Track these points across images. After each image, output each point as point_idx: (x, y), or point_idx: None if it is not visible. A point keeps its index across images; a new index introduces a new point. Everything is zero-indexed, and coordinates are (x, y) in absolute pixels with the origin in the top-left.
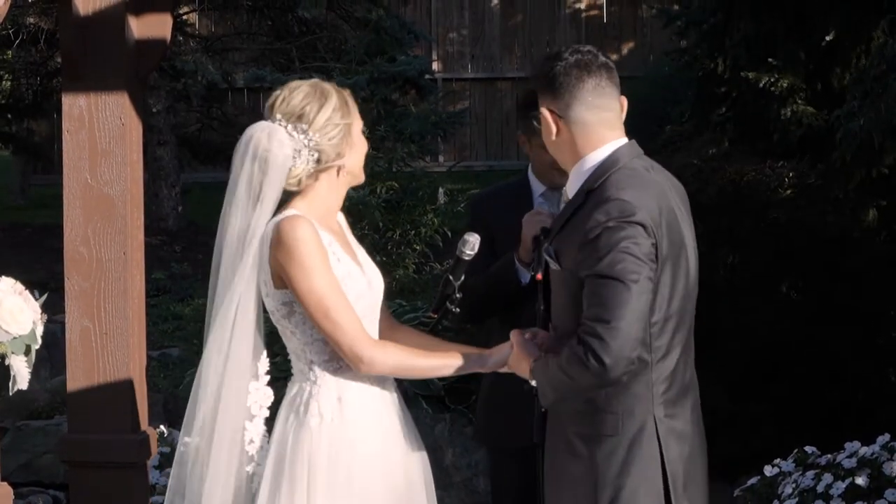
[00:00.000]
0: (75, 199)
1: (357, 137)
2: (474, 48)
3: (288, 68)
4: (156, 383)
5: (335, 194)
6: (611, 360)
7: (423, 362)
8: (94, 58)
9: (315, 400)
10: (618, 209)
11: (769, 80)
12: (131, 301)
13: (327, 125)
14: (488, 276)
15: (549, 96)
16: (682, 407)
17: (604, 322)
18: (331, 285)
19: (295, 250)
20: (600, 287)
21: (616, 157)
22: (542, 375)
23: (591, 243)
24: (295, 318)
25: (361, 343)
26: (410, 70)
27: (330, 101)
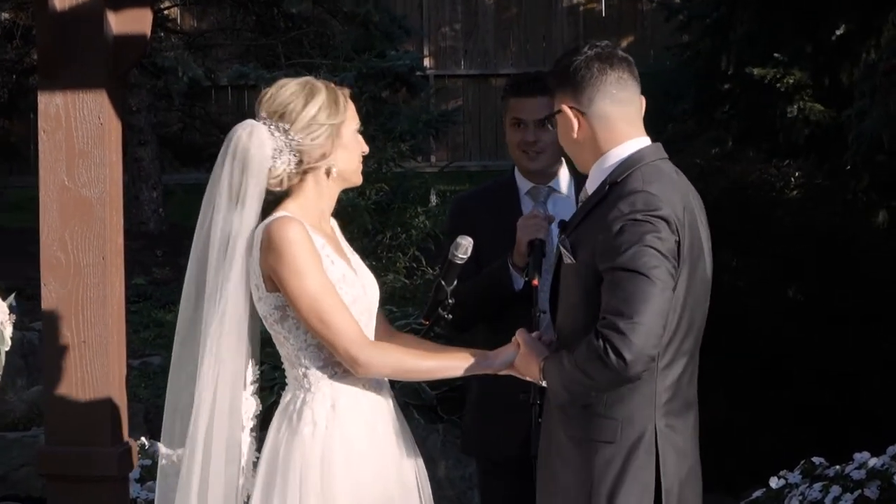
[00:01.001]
0: (52, 201)
1: (349, 138)
2: (467, 43)
3: (273, 65)
4: (136, 393)
5: (326, 196)
6: (632, 356)
7: (424, 363)
8: (71, 54)
9: (309, 407)
10: (643, 201)
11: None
12: (111, 308)
13: (311, 125)
14: (479, 282)
15: (570, 92)
16: (684, 422)
17: (626, 317)
18: (324, 287)
19: (285, 252)
20: (622, 280)
21: (642, 155)
22: (555, 374)
23: (614, 235)
24: (288, 323)
25: (358, 345)
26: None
27: (315, 100)
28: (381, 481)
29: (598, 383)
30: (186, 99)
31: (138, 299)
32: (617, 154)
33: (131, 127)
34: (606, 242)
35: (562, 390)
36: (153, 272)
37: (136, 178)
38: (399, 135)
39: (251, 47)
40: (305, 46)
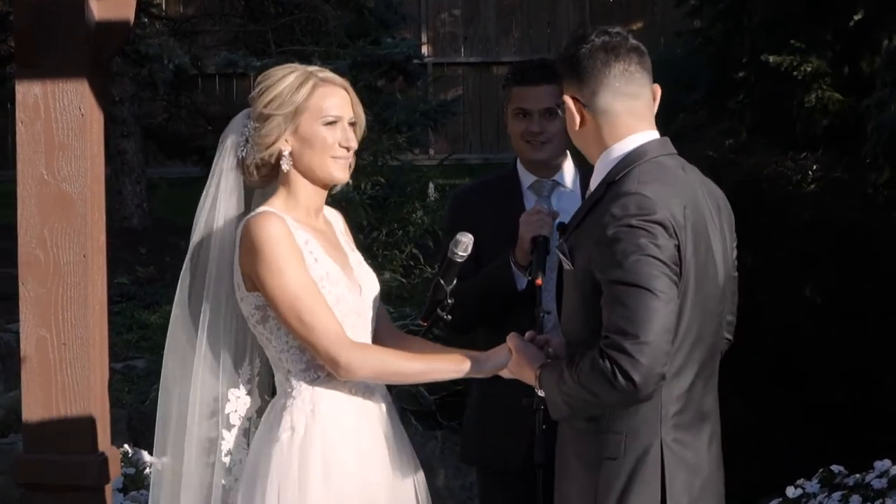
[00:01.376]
0: (30, 196)
1: (309, 133)
2: (468, 29)
3: (263, 52)
4: (119, 398)
5: (304, 193)
6: (641, 378)
7: (410, 365)
8: (50, 41)
9: (288, 413)
10: (636, 205)
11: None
12: (92, 308)
13: (262, 114)
14: (479, 281)
15: (574, 83)
16: (697, 436)
17: (631, 336)
18: (304, 286)
19: (263, 249)
20: (623, 295)
21: (643, 150)
22: (554, 387)
23: (609, 244)
24: (269, 324)
25: (338, 346)
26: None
27: (276, 87)
28: (366, 493)
29: (604, 402)
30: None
31: (121, 299)
32: (620, 149)
33: (114, 118)
34: (602, 251)
35: (562, 404)
36: (137, 271)
37: (119, 172)
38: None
39: (240, 34)
40: (297, 33)
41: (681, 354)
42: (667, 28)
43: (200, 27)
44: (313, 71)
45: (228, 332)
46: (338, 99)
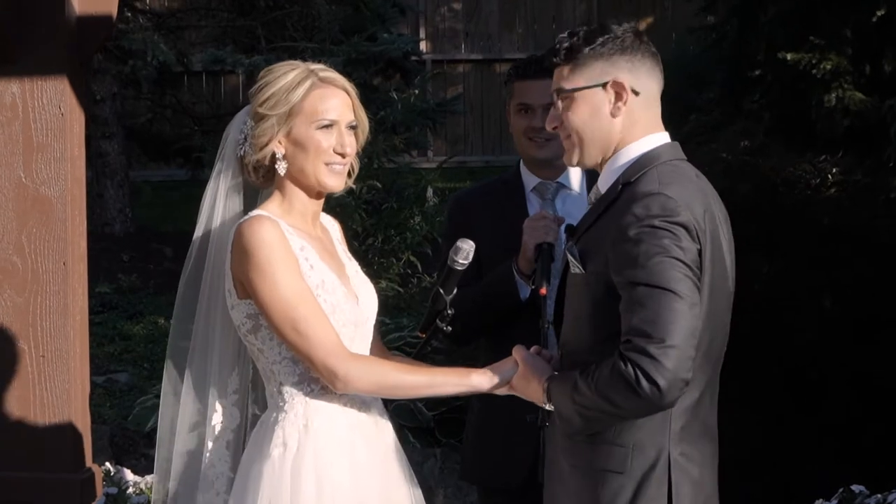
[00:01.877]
0: (7, 200)
1: (301, 136)
2: (468, 25)
3: (252, 49)
4: (101, 414)
5: (299, 198)
6: (666, 383)
7: (411, 378)
8: (28, 37)
9: (280, 427)
10: (659, 205)
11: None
12: (72, 319)
13: (257, 113)
14: (481, 291)
15: (626, 64)
16: (701, 450)
17: (655, 340)
18: (299, 294)
19: (256, 254)
20: (645, 298)
21: (657, 153)
22: (566, 398)
23: (630, 244)
24: (261, 334)
25: (336, 357)
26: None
27: (273, 85)
28: None
29: (624, 412)
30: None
31: (102, 309)
32: (636, 149)
33: (95, 118)
34: (621, 252)
35: (575, 416)
36: (119, 279)
37: (101, 175)
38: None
39: (228, 29)
40: (288, 28)
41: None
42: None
43: (186, 22)
44: (315, 70)
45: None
46: (336, 101)
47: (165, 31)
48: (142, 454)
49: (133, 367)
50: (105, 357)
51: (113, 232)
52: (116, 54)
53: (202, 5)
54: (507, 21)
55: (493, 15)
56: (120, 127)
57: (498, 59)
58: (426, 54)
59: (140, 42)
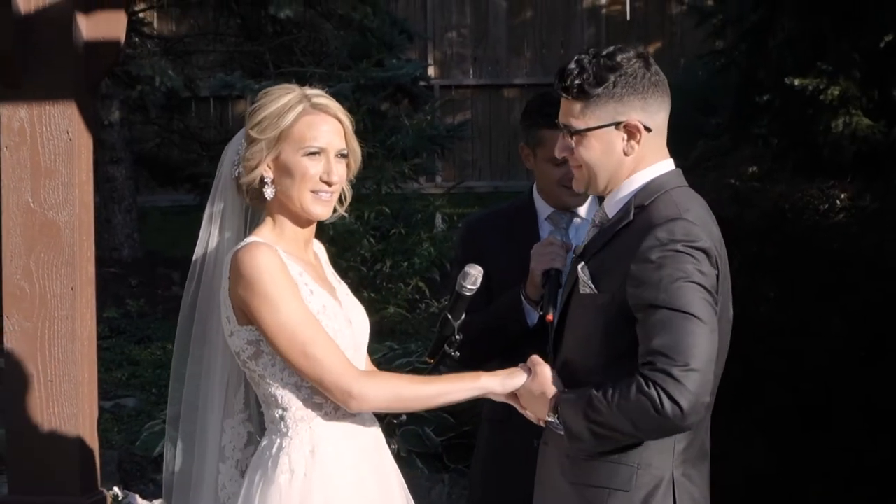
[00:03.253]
0: (15, 225)
1: (289, 162)
2: (476, 50)
3: (260, 74)
4: (108, 438)
5: (290, 223)
6: (689, 405)
7: (425, 388)
8: (37, 62)
9: (285, 454)
10: (683, 230)
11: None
12: (80, 343)
13: (250, 135)
14: (489, 316)
15: (638, 102)
16: (700, 472)
17: (679, 363)
18: (304, 317)
19: (257, 281)
20: (668, 322)
21: (667, 178)
22: (578, 415)
23: (653, 268)
24: (263, 360)
25: (349, 377)
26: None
27: (265, 109)
28: None
29: (642, 432)
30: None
31: (110, 334)
32: (643, 176)
33: (103, 143)
34: (642, 275)
35: (585, 433)
36: (127, 304)
37: (109, 200)
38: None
39: (235, 54)
40: (296, 53)
41: None
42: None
43: (194, 47)
44: (309, 95)
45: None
46: (326, 127)
47: (173, 57)
48: (150, 479)
49: (141, 393)
50: (113, 382)
51: (121, 257)
52: (124, 79)
53: (210, 31)
54: (516, 46)
55: (500, 40)
56: (128, 152)
57: (506, 85)
58: (434, 80)
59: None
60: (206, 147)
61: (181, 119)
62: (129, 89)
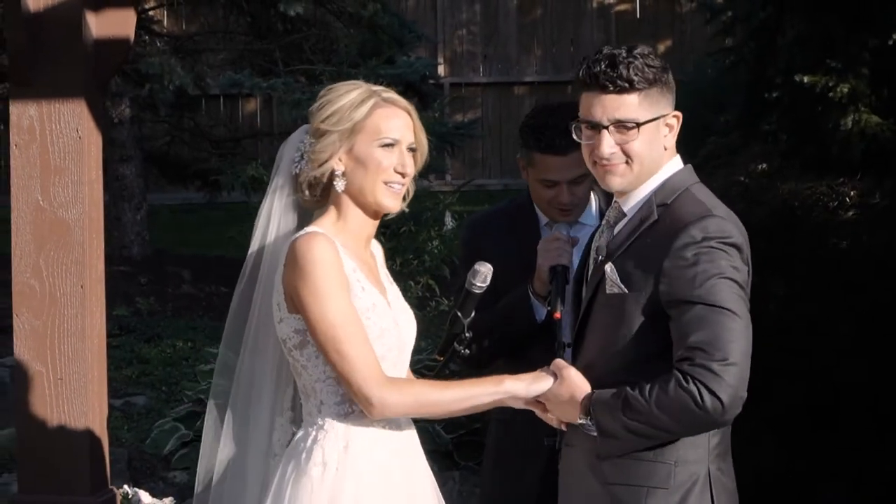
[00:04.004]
0: (25, 223)
1: (363, 154)
2: (487, 48)
3: (270, 72)
4: (118, 436)
5: (354, 217)
6: (729, 399)
7: (447, 394)
8: (46, 60)
9: (319, 446)
10: (717, 227)
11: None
12: (90, 341)
13: (318, 129)
14: (497, 314)
15: (670, 96)
16: (728, 464)
17: (717, 358)
18: (347, 314)
19: (310, 271)
20: (705, 317)
21: (683, 175)
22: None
23: (688, 265)
24: (307, 351)
25: (372, 383)
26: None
27: (336, 102)
28: None
29: (681, 428)
30: (173, 109)
31: (120, 332)
32: (662, 174)
33: (112, 141)
34: (677, 272)
35: (622, 432)
36: (137, 302)
37: (118, 198)
38: None
39: (245, 52)
40: (306, 51)
41: None
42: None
43: (203, 45)
44: (377, 90)
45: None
46: (399, 121)
47: (183, 55)
48: (160, 477)
49: (151, 391)
50: (122, 380)
51: (130, 255)
52: (134, 78)
53: (219, 28)
54: (526, 44)
55: (511, 38)
56: (137, 150)
57: (516, 82)
58: (444, 78)
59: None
60: (215, 145)
61: (191, 117)
62: (139, 87)
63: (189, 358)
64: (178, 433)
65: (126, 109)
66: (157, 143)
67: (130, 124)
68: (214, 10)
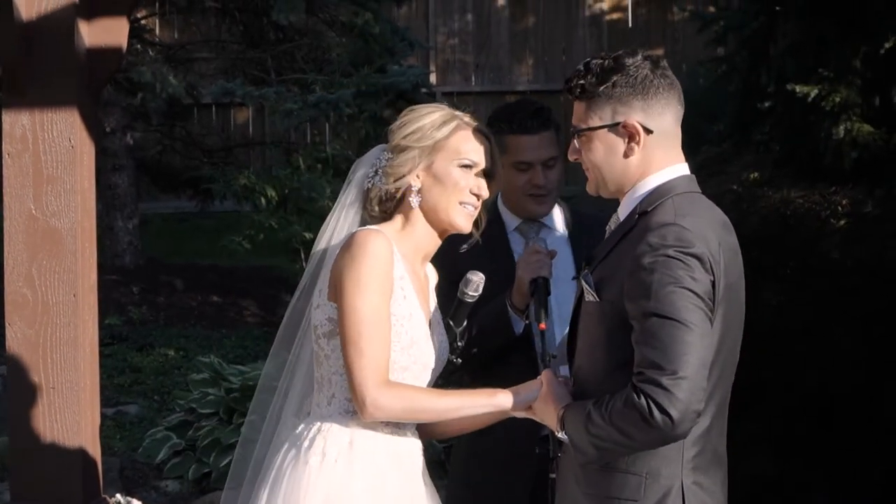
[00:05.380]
0: (17, 232)
1: (444, 172)
2: (479, 56)
3: (262, 81)
4: (111, 445)
5: (420, 232)
6: (679, 414)
7: (440, 402)
8: (39, 69)
9: (322, 437)
10: (675, 236)
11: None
12: (82, 350)
13: (399, 145)
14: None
15: (639, 103)
16: (713, 478)
17: (667, 371)
18: (378, 313)
19: (359, 260)
20: (656, 329)
21: (675, 184)
22: (580, 429)
23: (644, 274)
24: (334, 341)
25: (370, 381)
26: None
27: (419, 121)
28: None
29: (637, 443)
30: (165, 118)
31: (112, 341)
32: (654, 180)
33: (105, 150)
34: (635, 281)
35: (589, 447)
36: (129, 311)
37: (111, 207)
38: None
39: (237, 61)
40: (298, 60)
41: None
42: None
43: (196, 54)
44: (459, 114)
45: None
46: (478, 145)
47: (175, 64)
48: (152, 486)
49: (143, 399)
50: (115, 389)
51: (123, 264)
52: (126, 86)
53: (212, 37)
54: (518, 53)
55: (503, 47)
56: (129, 159)
57: (508, 91)
58: (436, 86)
59: (149, 74)
60: (207, 154)
61: (183, 126)
62: (131, 96)
63: (181, 367)
64: (170, 442)
65: (119, 118)
66: (149, 151)
67: (122, 133)
68: (207, 20)
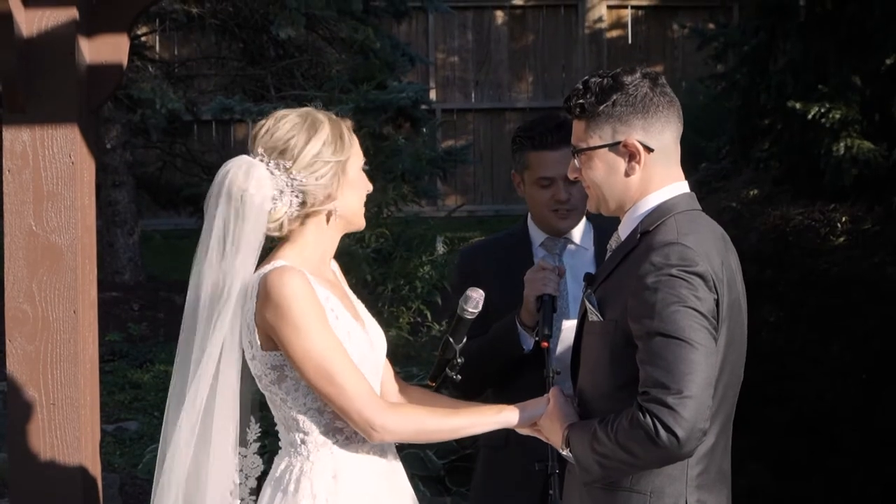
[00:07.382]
0: (18, 248)
1: (354, 176)
2: (478, 73)
3: (262, 97)
4: (111, 462)
5: (328, 241)
6: (684, 433)
7: (447, 422)
8: (39, 85)
9: (307, 478)
10: (678, 255)
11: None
12: (82, 367)
13: (315, 162)
14: (485, 342)
15: (639, 122)
16: (717, 496)
17: (673, 391)
18: (332, 346)
19: (286, 308)
20: (661, 348)
21: (675, 202)
22: (586, 447)
23: (647, 293)
24: (286, 385)
25: (373, 408)
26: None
27: (320, 134)
28: None
29: (643, 462)
30: (165, 135)
31: (112, 357)
32: (655, 199)
33: (105, 166)
34: (639, 300)
35: (594, 465)
36: (129, 328)
37: (111, 223)
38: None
39: (237, 78)
40: (297, 77)
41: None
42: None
43: (195, 71)
44: (326, 113)
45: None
46: (356, 139)
47: (175, 80)
48: None
49: (143, 416)
50: (115, 405)
51: (123, 280)
52: (126, 103)
53: (212, 54)
54: (517, 70)
55: (502, 64)
56: (130, 176)
57: (508, 108)
58: (436, 103)
59: (149, 91)
60: (207, 170)
61: (183, 142)
62: (131, 113)
63: None
64: None
65: (119, 135)
66: (149, 168)
67: (122, 150)
68: (207, 36)
